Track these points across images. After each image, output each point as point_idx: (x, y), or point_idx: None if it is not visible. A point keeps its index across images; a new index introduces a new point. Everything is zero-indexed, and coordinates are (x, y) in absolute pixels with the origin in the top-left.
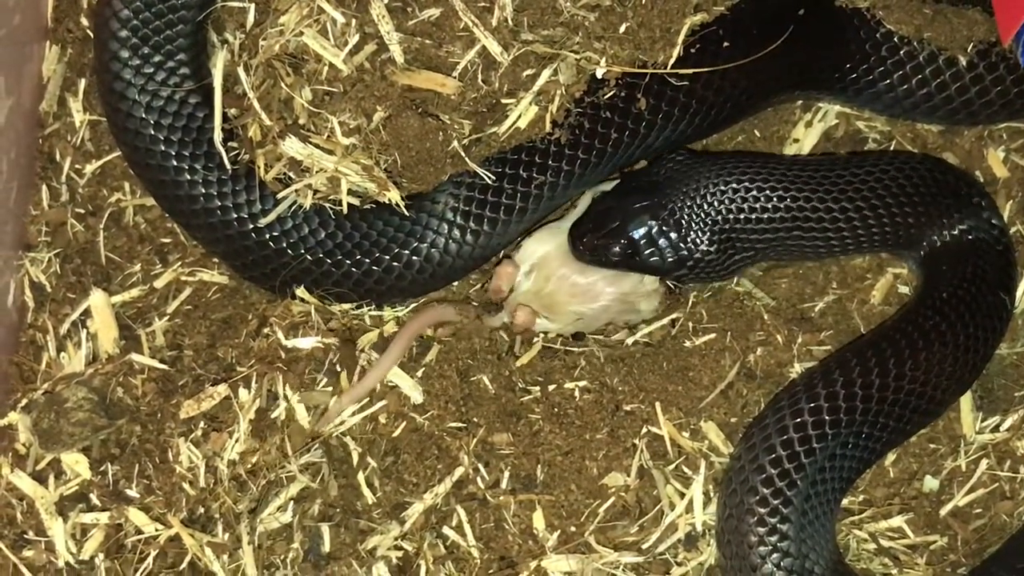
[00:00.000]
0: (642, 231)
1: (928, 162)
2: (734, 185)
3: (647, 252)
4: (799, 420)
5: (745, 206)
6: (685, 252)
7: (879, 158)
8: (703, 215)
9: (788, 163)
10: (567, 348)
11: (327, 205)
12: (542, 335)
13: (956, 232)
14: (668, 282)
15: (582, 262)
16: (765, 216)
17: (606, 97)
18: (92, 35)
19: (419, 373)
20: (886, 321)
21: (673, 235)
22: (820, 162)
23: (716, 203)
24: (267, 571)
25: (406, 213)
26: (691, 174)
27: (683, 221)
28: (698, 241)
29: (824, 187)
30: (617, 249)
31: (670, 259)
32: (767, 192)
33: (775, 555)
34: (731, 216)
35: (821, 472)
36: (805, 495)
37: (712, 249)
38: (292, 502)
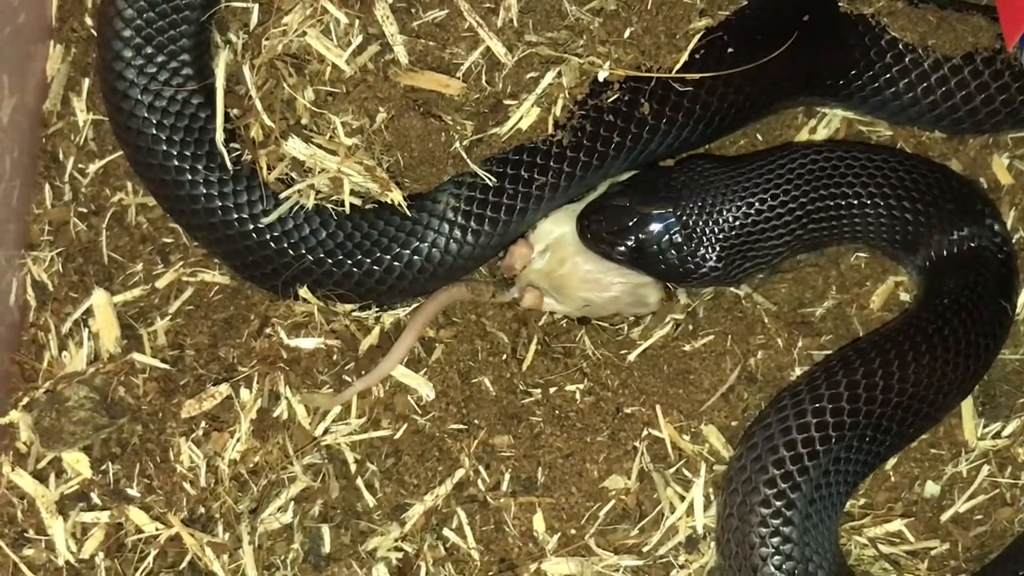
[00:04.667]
0: (653, 237)
1: (934, 167)
2: (748, 199)
3: (655, 258)
4: (803, 421)
5: (761, 218)
6: (691, 265)
7: (887, 155)
8: (715, 230)
9: (798, 162)
10: (568, 349)
11: (328, 205)
12: (549, 314)
13: (959, 239)
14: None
15: (587, 248)
16: (777, 223)
17: (609, 100)
18: (96, 34)
19: (421, 374)
20: (887, 324)
21: (683, 247)
22: (829, 156)
23: (730, 218)
24: (267, 571)
25: (408, 213)
26: (708, 187)
27: (694, 234)
28: (707, 256)
29: (831, 184)
30: (623, 249)
31: (676, 268)
32: (781, 199)
33: (777, 557)
34: (743, 231)
35: (825, 475)
36: (809, 498)
37: (720, 265)
38: (293, 502)
